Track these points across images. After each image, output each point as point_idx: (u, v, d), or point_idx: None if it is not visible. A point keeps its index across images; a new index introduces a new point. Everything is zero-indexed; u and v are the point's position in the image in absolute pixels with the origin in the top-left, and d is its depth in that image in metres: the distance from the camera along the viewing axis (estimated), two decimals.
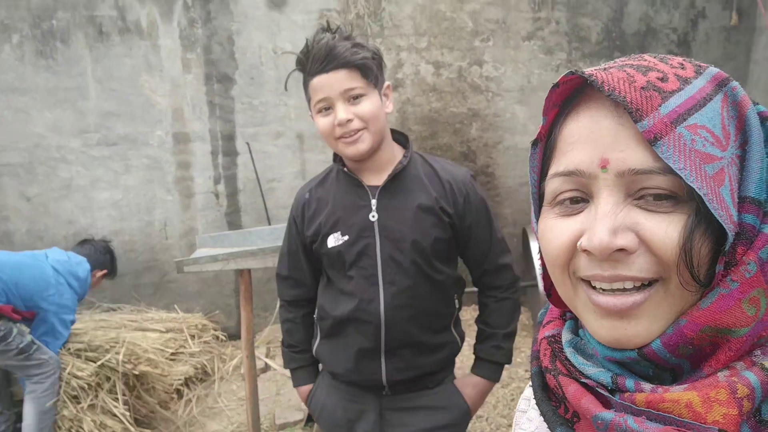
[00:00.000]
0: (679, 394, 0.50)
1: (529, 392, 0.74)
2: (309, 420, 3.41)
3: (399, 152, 1.74)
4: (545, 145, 0.63)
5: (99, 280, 3.48)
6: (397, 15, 4.45)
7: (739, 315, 0.51)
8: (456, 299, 1.80)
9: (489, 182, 4.76)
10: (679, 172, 0.50)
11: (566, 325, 0.67)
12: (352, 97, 1.58)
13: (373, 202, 1.67)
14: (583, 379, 0.57)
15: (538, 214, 0.64)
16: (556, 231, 0.59)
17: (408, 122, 4.60)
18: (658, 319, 0.54)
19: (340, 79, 1.56)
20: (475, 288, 1.92)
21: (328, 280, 1.81)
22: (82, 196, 4.21)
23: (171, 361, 3.75)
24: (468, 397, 1.83)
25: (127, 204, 4.37)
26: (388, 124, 1.71)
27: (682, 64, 0.56)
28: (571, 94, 0.60)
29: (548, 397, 0.62)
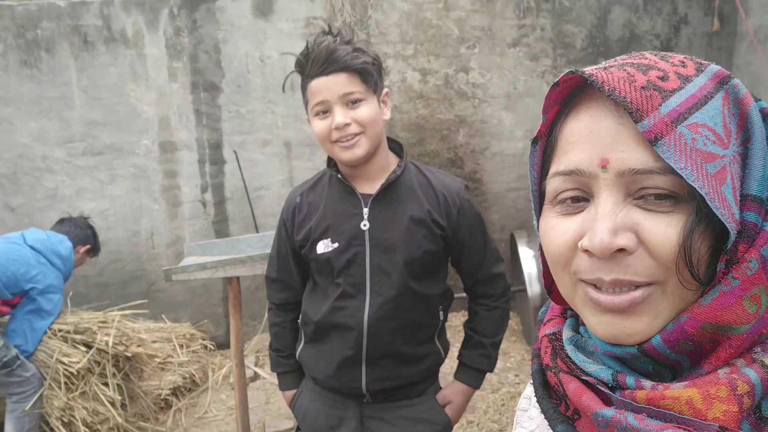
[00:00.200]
0: (680, 391, 0.50)
1: (530, 391, 0.74)
2: (299, 429, 3.39)
3: (393, 160, 1.74)
4: (546, 143, 0.63)
5: (83, 256, 3.41)
6: (384, 23, 4.47)
7: (740, 312, 0.51)
8: (441, 311, 1.80)
9: (477, 188, 4.78)
10: (680, 171, 0.50)
11: (567, 322, 0.67)
12: (351, 102, 1.57)
13: (365, 211, 1.66)
14: (584, 377, 0.58)
15: (539, 212, 0.64)
16: (557, 230, 0.59)
17: (395, 129, 4.61)
18: (658, 317, 0.54)
19: (340, 83, 1.55)
20: (465, 294, 1.92)
21: (314, 285, 1.80)
22: (68, 206, 4.17)
23: (159, 371, 3.71)
24: (451, 407, 1.83)
25: (114, 213, 4.34)
26: (384, 131, 1.70)
27: (683, 62, 0.56)
28: (572, 93, 0.60)
29: (549, 395, 0.62)
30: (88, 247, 3.43)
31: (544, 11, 4.63)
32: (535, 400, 0.65)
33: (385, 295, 1.65)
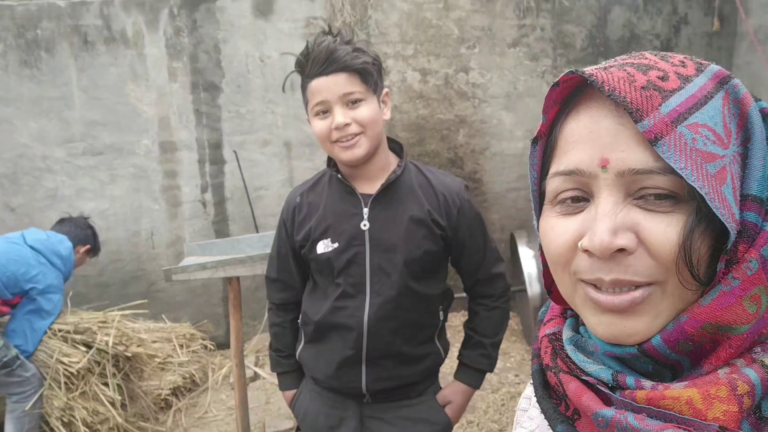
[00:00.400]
0: (680, 391, 0.50)
1: (530, 391, 0.74)
2: (299, 429, 3.39)
3: (394, 161, 1.74)
4: (546, 143, 0.63)
5: (83, 256, 3.40)
6: (384, 23, 4.47)
7: (740, 312, 0.51)
8: (441, 311, 1.80)
9: (477, 188, 4.78)
10: (680, 171, 0.50)
11: (567, 322, 0.67)
12: (351, 102, 1.57)
13: (365, 211, 1.66)
14: (584, 377, 0.57)
15: (539, 212, 0.64)
16: (557, 230, 0.59)
17: (395, 129, 4.61)
18: (658, 317, 0.54)
19: (340, 83, 1.55)
20: (465, 294, 1.92)
21: (314, 285, 1.80)
22: (68, 206, 4.16)
23: (159, 371, 3.71)
24: (451, 407, 1.83)
25: (114, 214, 4.34)
26: (384, 131, 1.70)
27: (683, 62, 0.56)
28: (572, 92, 0.59)
29: (549, 395, 0.62)
30: (88, 247, 3.42)
31: (544, 11, 4.63)
32: (535, 400, 0.65)
33: (385, 295, 1.65)
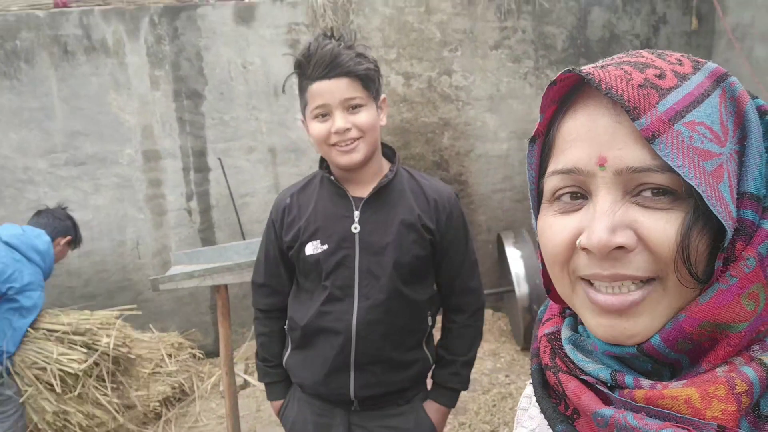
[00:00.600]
0: (678, 390, 0.50)
1: (530, 390, 0.74)
2: None
3: (386, 166, 1.74)
4: (543, 142, 0.63)
5: (64, 248, 3.27)
6: (366, 27, 4.47)
7: (737, 310, 0.51)
8: (429, 316, 1.79)
9: (462, 190, 4.79)
10: (677, 169, 0.50)
11: (565, 322, 0.67)
12: (351, 107, 1.57)
13: (356, 214, 1.66)
14: (583, 376, 0.58)
15: (537, 211, 0.64)
16: (555, 229, 0.59)
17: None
18: (656, 317, 0.54)
19: (342, 88, 1.55)
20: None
21: (299, 289, 1.79)
22: None
23: (149, 381, 3.68)
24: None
25: (98, 224, 4.29)
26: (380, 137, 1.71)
27: (680, 60, 0.56)
28: (569, 91, 0.60)
29: (548, 395, 0.62)
30: (69, 238, 3.28)
31: (525, 13, 4.66)
32: (535, 399, 0.65)
33: (374, 298, 1.65)
